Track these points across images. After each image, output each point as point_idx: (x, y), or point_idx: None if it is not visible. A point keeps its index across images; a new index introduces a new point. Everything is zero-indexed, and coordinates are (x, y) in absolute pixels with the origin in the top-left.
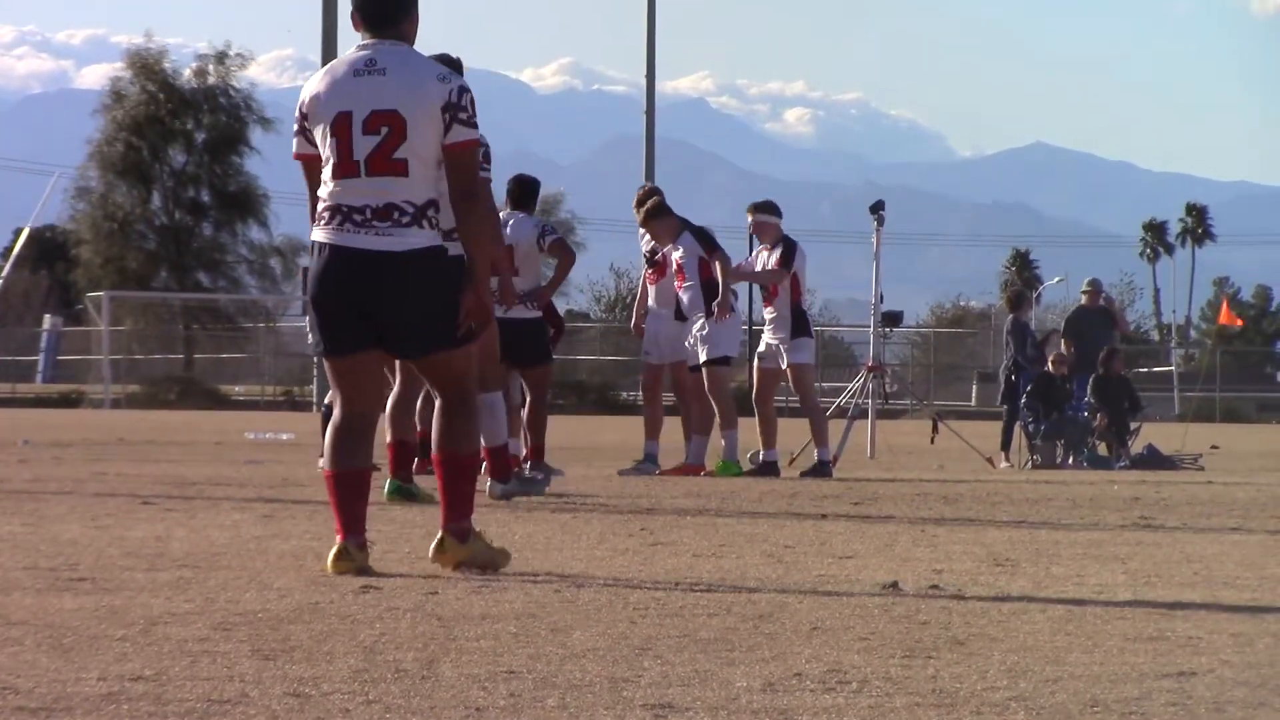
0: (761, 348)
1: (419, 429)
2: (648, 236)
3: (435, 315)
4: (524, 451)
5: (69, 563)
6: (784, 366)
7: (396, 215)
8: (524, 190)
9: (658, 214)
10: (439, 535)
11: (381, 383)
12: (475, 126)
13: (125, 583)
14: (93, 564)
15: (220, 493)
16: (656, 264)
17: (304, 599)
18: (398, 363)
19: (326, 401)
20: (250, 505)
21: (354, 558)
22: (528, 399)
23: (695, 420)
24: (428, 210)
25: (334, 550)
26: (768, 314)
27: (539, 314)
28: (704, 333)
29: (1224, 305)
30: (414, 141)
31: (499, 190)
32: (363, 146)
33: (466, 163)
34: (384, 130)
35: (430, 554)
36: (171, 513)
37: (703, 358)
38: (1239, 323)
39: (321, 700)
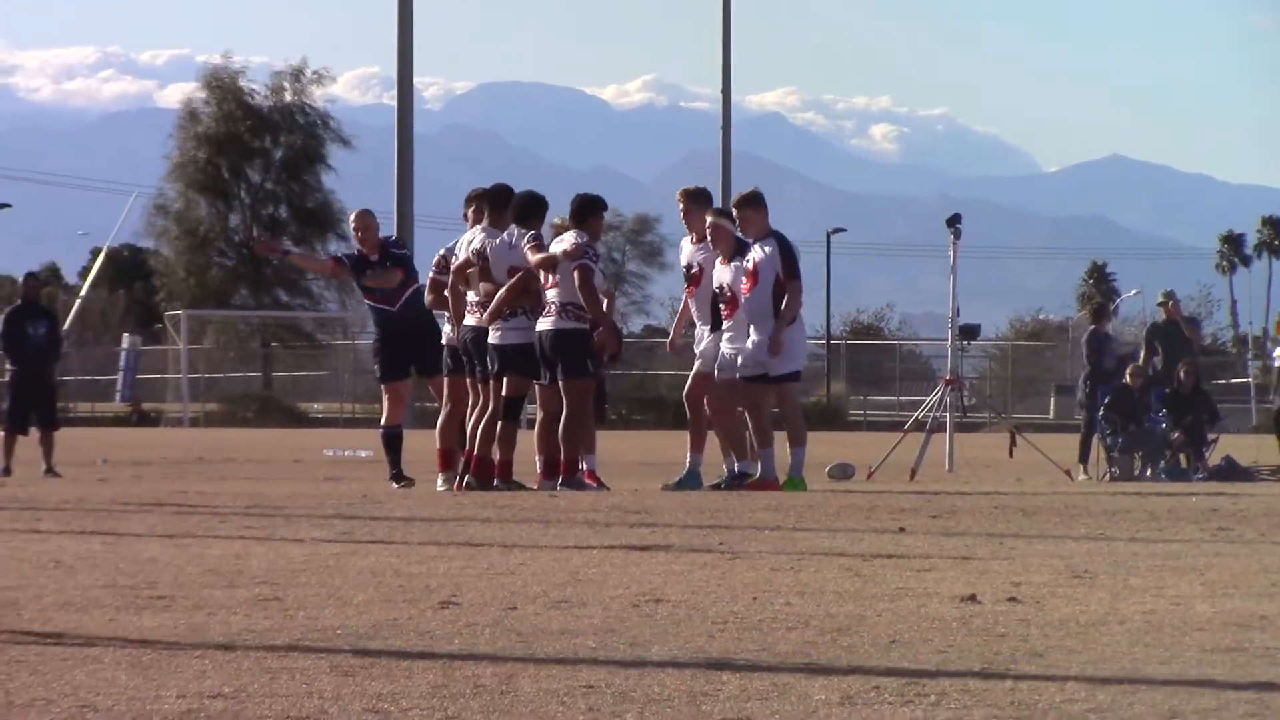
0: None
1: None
2: (688, 249)
3: None
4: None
5: (148, 581)
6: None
7: None
8: (527, 207)
9: (756, 203)
10: None
11: None
12: None
13: (204, 600)
14: (172, 582)
15: (299, 510)
16: (693, 277)
17: (383, 615)
18: (489, 385)
19: (383, 423)
20: (328, 522)
21: None
22: (539, 416)
23: (757, 434)
24: None
25: None
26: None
27: (582, 325)
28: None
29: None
30: None
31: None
32: None
33: None
34: None
35: None
36: (250, 530)
37: (775, 372)
38: None
39: (400, 716)
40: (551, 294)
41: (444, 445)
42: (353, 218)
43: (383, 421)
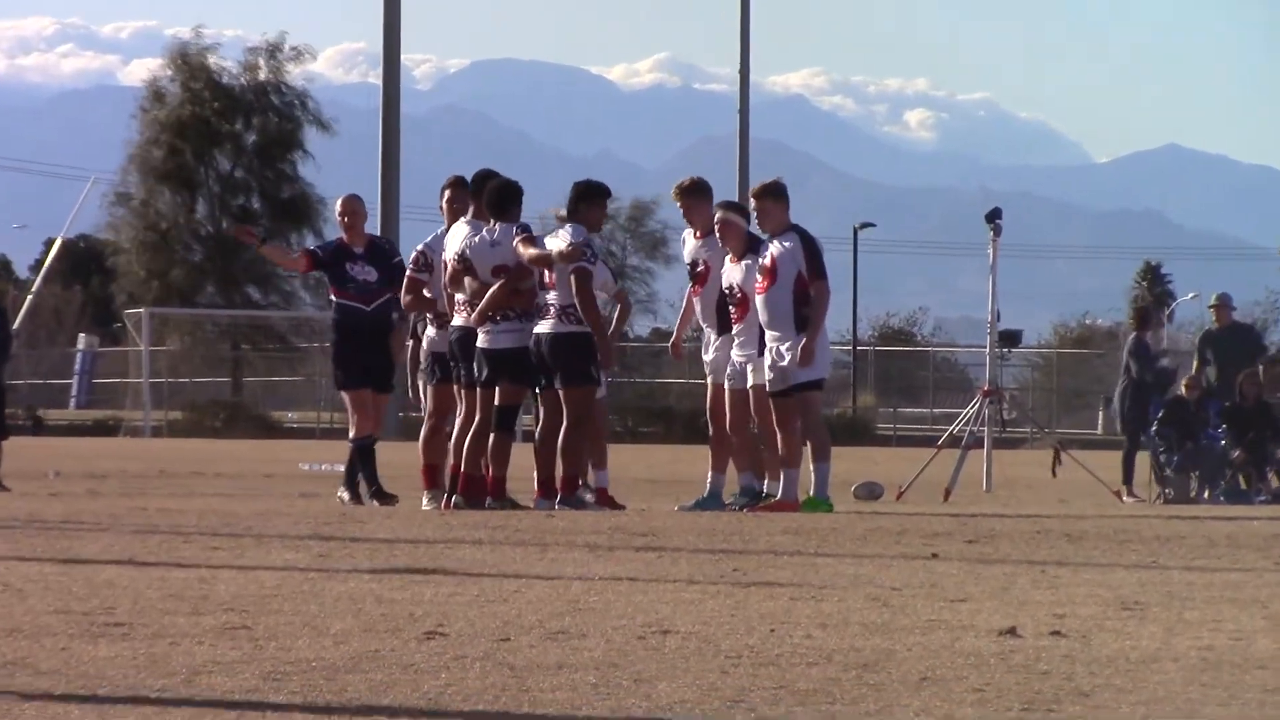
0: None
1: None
2: (691, 244)
3: None
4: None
5: (105, 606)
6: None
7: None
8: (503, 198)
9: (777, 194)
10: None
11: None
12: None
13: (166, 628)
14: (130, 608)
15: (271, 530)
16: (698, 275)
17: (362, 646)
18: (478, 394)
19: (352, 435)
20: (304, 543)
21: None
22: (552, 425)
23: (786, 452)
24: None
25: None
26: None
27: (584, 329)
28: (795, 353)
29: None
30: None
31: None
32: None
33: None
34: None
35: None
36: (217, 551)
37: (797, 380)
38: None
39: None
40: (550, 296)
41: (428, 461)
42: (339, 202)
43: (351, 434)
